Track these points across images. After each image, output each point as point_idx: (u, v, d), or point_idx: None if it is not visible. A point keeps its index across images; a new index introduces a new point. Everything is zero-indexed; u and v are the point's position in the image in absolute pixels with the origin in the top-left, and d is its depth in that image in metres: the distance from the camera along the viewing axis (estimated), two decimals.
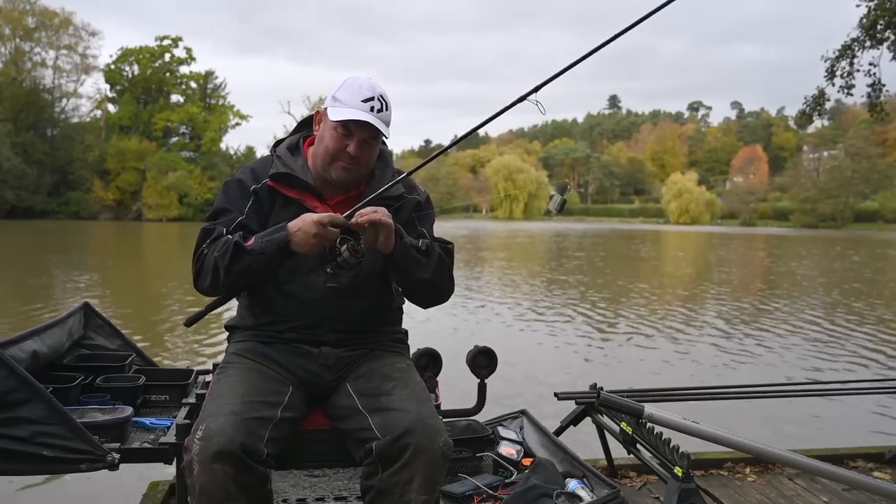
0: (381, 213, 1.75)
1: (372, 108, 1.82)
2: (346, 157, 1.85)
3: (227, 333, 2.06)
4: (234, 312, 2.06)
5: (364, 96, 1.83)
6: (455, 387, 2.48)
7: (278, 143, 2.03)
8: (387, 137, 1.90)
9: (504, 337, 8.74)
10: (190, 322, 1.99)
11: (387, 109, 1.86)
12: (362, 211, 1.75)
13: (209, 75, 60.52)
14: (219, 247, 1.79)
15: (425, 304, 2.00)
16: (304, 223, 1.74)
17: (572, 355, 7.95)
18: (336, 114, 1.82)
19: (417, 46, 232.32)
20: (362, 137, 1.84)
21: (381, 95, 1.85)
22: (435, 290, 1.94)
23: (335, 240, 1.73)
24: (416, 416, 1.68)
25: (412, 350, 2.22)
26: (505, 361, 2.52)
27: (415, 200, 1.99)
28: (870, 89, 12.55)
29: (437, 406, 2.03)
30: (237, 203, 1.89)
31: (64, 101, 57.29)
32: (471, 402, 2.48)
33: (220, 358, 1.98)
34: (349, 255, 1.72)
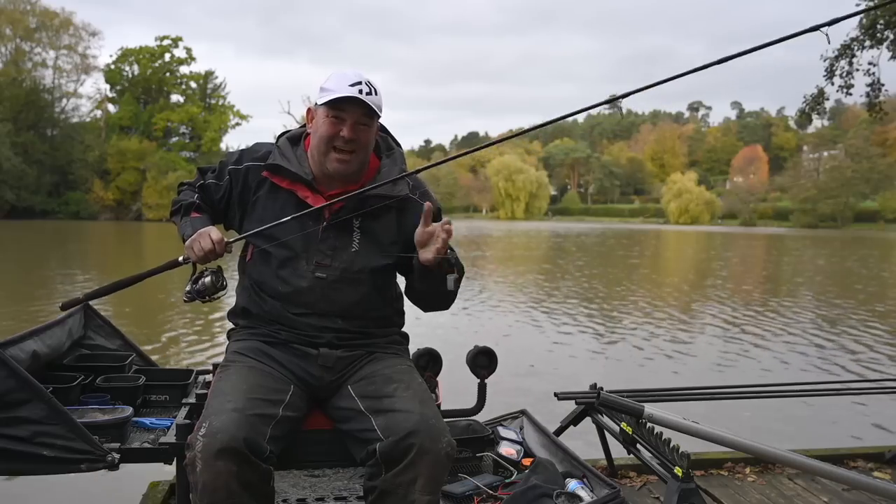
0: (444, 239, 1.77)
1: (360, 91, 1.83)
2: (341, 141, 1.86)
3: (227, 331, 2.06)
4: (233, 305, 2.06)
5: (351, 81, 1.84)
6: (455, 387, 2.47)
7: (283, 133, 2.04)
8: (379, 117, 1.90)
9: (504, 337, 8.74)
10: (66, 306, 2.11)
11: (376, 94, 1.87)
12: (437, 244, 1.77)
13: (209, 75, 60.51)
14: (183, 196, 2.03)
15: (429, 309, 2.02)
16: (202, 235, 1.83)
17: (572, 355, 7.95)
18: (326, 98, 1.85)
19: (438, 49, 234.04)
20: (355, 119, 1.85)
21: (368, 81, 1.86)
22: (448, 301, 1.97)
23: (221, 256, 1.85)
24: (420, 417, 1.69)
25: (412, 350, 2.22)
26: (505, 361, 2.52)
27: (423, 208, 1.99)
28: (869, 89, 12.54)
29: (438, 406, 2.03)
30: (219, 171, 2.02)
31: (64, 101, 57.37)
32: (471, 402, 2.48)
33: (221, 358, 1.98)
34: (210, 283, 1.86)
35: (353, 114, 1.85)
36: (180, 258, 1.89)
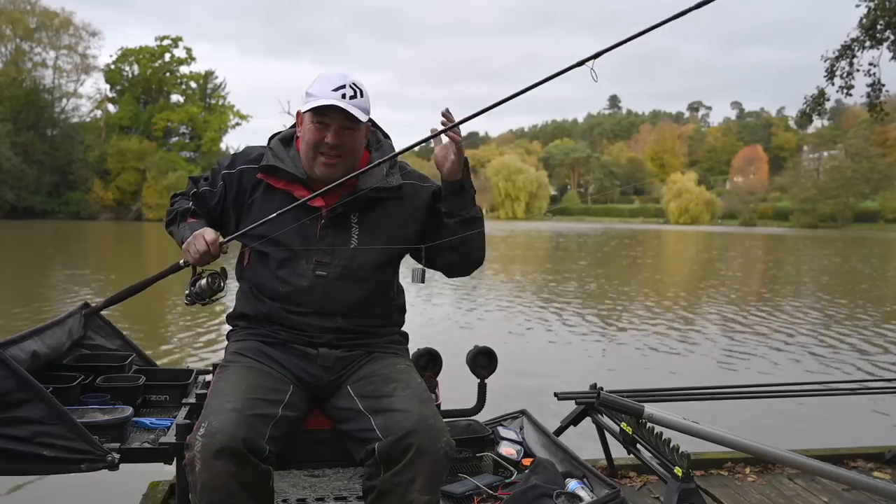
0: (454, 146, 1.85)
1: (344, 96, 1.82)
2: (326, 147, 1.86)
3: (227, 332, 2.06)
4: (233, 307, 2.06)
5: (335, 85, 1.84)
6: (455, 387, 2.47)
7: (275, 135, 2.04)
8: (363, 122, 1.88)
9: (504, 337, 8.73)
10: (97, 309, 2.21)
11: (361, 96, 1.86)
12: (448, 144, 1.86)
13: (209, 75, 60.50)
14: (177, 205, 2.03)
15: (472, 255, 1.98)
16: (196, 237, 1.84)
17: (572, 355, 7.95)
18: (309, 105, 1.84)
19: (440, 49, 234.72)
20: (339, 125, 1.84)
21: (353, 83, 1.85)
22: (482, 240, 1.97)
23: (217, 258, 1.87)
24: (419, 417, 1.69)
25: (412, 350, 2.22)
26: (505, 361, 2.52)
27: (432, 188, 2.01)
28: (869, 89, 12.54)
29: (438, 406, 2.03)
30: (212, 178, 2.02)
31: (64, 101, 57.33)
32: (471, 402, 2.48)
33: (221, 358, 1.98)
34: (206, 286, 1.87)
35: (337, 119, 1.84)
36: (181, 261, 1.90)
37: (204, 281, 1.87)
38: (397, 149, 2.02)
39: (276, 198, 1.92)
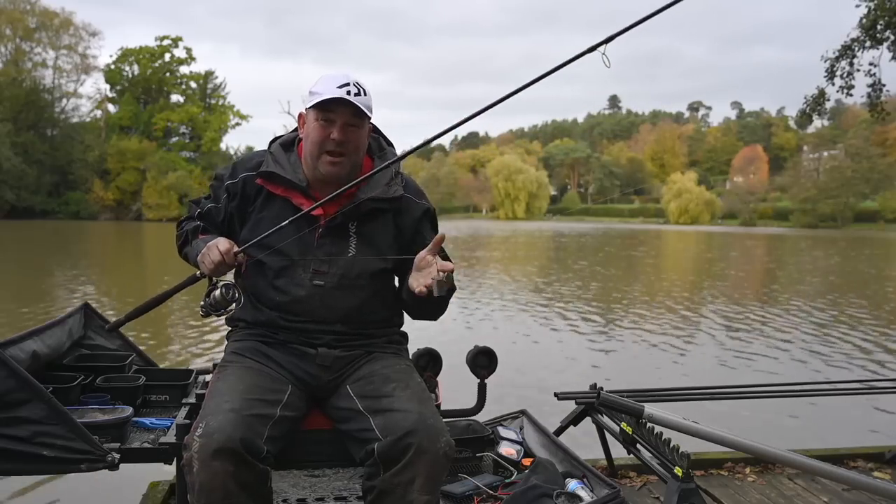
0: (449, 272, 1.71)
1: (349, 93, 1.82)
2: (332, 144, 1.85)
3: (227, 332, 2.06)
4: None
5: (339, 83, 1.83)
6: (455, 387, 2.47)
7: (275, 139, 2.03)
8: (368, 117, 1.88)
9: (504, 337, 8.73)
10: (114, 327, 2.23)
11: (365, 95, 1.85)
12: (441, 269, 1.69)
13: (209, 75, 60.58)
14: (185, 227, 2.02)
15: (416, 318, 2.03)
16: (211, 248, 1.81)
17: (572, 355, 7.95)
18: (314, 101, 1.84)
19: (442, 49, 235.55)
20: (344, 121, 1.84)
21: (356, 82, 1.85)
22: (435, 314, 1.97)
23: (233, 268, 1.85)
24: (418, 417, 1.68)
25: (412, 350, 2.22)
26: (505, 361, 2.52)
27: (424, 206, 2.00)
28: (870, 89, 12.54)
29: (438, 406, 2.04)
30: (215, 192, 2.01)
31: (64, 101, 57.42)
32: (471, 402, 2.48)
33: (221, 358, 1.98)
34: (220, 296, 1.84)
35: (343, 115, 1.84)
36: (198, 272, 1.89)
37: (218, 292, 1.85)
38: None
39: (276, 205, 1.91)
